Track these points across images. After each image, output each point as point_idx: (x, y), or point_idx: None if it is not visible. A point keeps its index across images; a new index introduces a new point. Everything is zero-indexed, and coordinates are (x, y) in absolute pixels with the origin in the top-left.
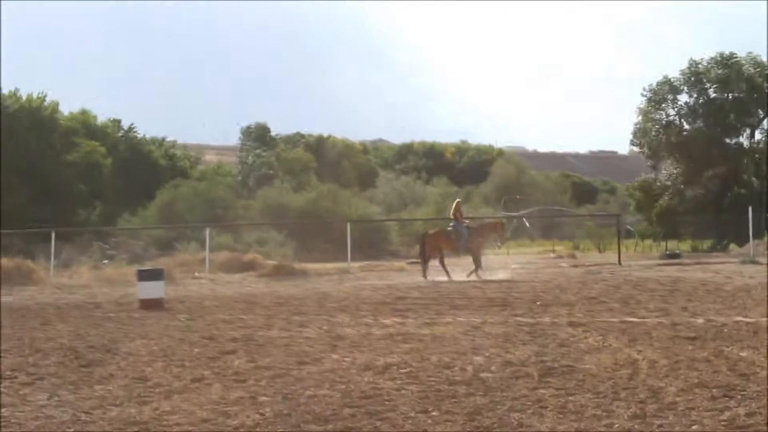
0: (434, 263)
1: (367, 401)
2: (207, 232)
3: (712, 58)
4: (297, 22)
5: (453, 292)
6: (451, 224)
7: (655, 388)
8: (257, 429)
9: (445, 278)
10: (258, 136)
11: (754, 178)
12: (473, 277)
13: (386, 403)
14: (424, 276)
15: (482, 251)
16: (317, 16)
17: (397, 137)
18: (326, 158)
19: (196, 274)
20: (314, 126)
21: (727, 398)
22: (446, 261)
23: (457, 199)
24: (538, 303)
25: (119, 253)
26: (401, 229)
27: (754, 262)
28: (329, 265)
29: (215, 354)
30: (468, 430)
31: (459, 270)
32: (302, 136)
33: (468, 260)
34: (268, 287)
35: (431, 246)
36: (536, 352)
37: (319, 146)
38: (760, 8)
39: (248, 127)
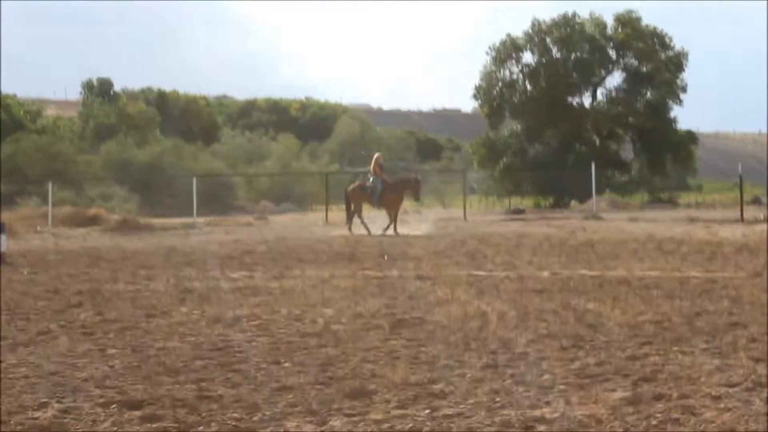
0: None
1: (218, 353)
2: (49, 186)
3: (554, 19)
4: None
5: (300, 247)
6: (370, 178)
7: (505, 339)
8: (107, 381)
9: (363, 231)
10: (100, 91)
11: (595, 137)
12: (389, 232)
13: (237, 354)
14: (349, 230)
15: (397, 206)
16: None
17: (242, 93)
18: (170, 113)
19: (39, 228)
20: (159, 82)
21: (576, 348)
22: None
23: (377, 153)
24: (386, 257)
25: None
26: (247, 185)
27: (596, 218)
28: (175, 220)
29: (61, 307)
30: (321, 380)
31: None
32: (146, 91)
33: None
34: (113, 242)
35: (351, 200)
36: (386, 305)
37: (162, 101)
38: None
39: (90, 82)
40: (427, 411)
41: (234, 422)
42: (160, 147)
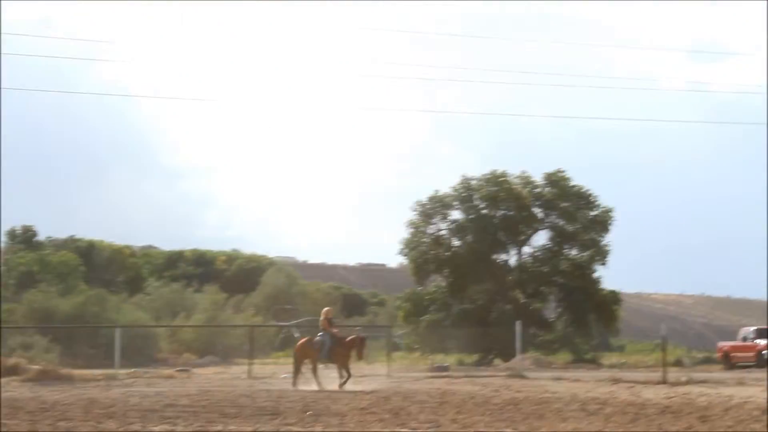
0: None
1: None
2: None
3: (483, 176)
4: (68, 123)
5: (223, 400)
6: (319, 334)
7: None
8: None
9: (315, 387)
10: (24, 239)
11: (519, 294)
12: (346, 387)
13: None
14: (293, 385)
15: (346, 361)
16: (88, 113)
17: (169, 244)
18: (95, 263)
19: None
20: (85, 231)
21: None
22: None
23: (326, 308)
24: (309, 412)
25: None
26: (170, 337)
27: (521, 376)
28: (96, 371)
29: None
30: None
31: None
32: (71, 240)
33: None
34: (33, 392)
35: (299, 355)
36: None
37: (87, 251)
38: (529, 132)
39: (13, 230)
40: None
41: None
42: (84, 297)
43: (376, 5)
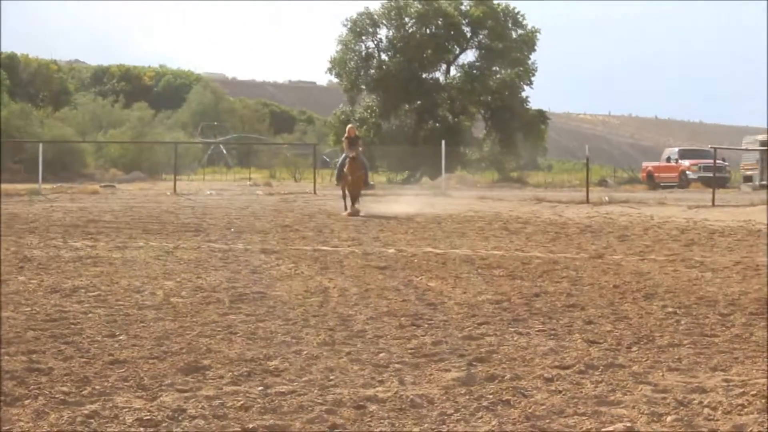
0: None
1: (52, 324)
2: None
3: None
4: None
5: (146, 217)
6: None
7: (344, 315)
8: None
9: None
10: None
11: (448, 113)
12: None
13: (72, 326)
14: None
15: (347, 185)
16: None
17: (95, 59)
18: (19, 77)
19: None
20: (8, 44)
21: (414, 327)
22: None
23: (349, 125)
24: (232, 230)
25: None
26: (97, 153)
27: (445, 195)
28: (19, 186)
29: None
30: (155, 354)
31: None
32: None
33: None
34: None
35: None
36: (228, 278)
37: (11, 64)
38: None
39: None
40: (260, 388)
41: (62, 396)
42: (7, 111)
43: None
